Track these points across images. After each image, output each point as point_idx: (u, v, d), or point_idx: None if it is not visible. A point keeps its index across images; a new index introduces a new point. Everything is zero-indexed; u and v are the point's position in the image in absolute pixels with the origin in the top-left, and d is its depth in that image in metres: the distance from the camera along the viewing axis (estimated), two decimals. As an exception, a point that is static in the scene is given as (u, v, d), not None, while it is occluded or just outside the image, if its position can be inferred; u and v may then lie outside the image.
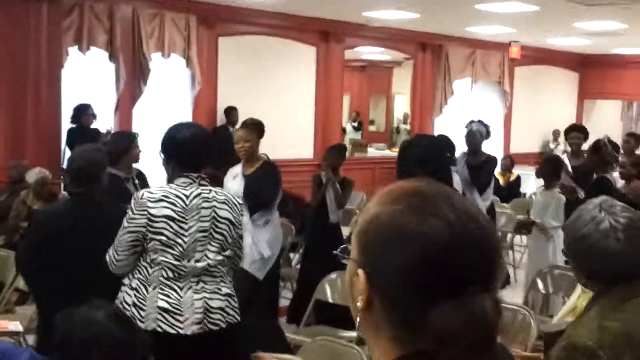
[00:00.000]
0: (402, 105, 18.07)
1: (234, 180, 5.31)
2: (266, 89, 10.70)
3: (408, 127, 14.96)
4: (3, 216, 6.74)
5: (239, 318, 3.35)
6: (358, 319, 1.12)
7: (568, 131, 7.48)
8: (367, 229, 1.11)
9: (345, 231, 6.12)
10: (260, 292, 5.23)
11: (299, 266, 7.32)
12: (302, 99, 11.29)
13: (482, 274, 1.06)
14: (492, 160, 6.73)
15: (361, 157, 13.62)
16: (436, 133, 12.97)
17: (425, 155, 3.63)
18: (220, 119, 10.15)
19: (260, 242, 5.22)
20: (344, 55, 11.86)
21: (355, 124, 17.31)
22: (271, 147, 8.63)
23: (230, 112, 10.01)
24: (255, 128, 5.54)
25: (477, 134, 6.65)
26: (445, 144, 5.29)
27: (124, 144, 5.71)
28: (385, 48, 13.29)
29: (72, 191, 3.77)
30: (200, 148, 3.32)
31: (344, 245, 1.19)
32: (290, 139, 10.72)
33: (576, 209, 2.14)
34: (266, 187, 5.25)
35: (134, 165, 5.66)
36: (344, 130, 15.09)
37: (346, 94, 14.67)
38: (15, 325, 4.70)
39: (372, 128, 18.70)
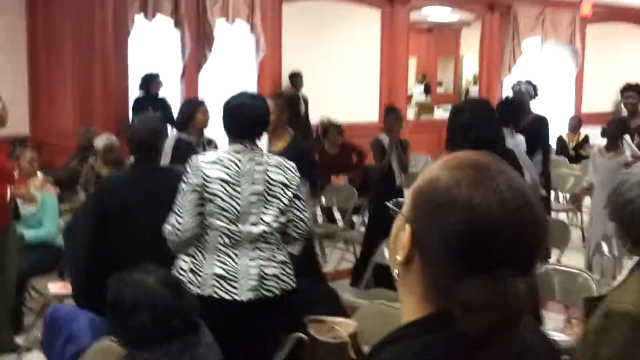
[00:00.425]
0: (470, 66, 17.80)
1: None
2: (330, 53, 10.68)
3: (477, 88, 14.73)
4: (73, 181, 6.92)
5: (293, 285, 3.38)
6: (396, 271, 1.15)
7: (623, 91, 7.21)
8: (422, 189, 1.13)
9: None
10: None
11: (362, 229, 7.36)
12: (366, 63, 11.23)
13: (523, 256, 1.08)
14: (541, 120, 6.59)
15: (427, 120, 13.51)
16: (504, 94, 12.84)
17: (472, 119, 3.61)
18: (285, 84, 10.18)
19: None
20: (409, 17, 11.71)
21: (422, 87, 17.14)
22: (336, 111, 8.66)
23: (295, 77, 10.03)
24: (280, 101, 4.99)
25: (525, 94, 6.55)
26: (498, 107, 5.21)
27: (190, 110, 5.81)
28: (452, 8, 13.08)
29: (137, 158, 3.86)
30: (253, 117, 3.33)
31: (397, 199, 1.21)
32: (355, 102, 10.71)
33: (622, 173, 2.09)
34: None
35: (205, 132, 5.76)
36: (410, 94, 14.98)
37: (413, 57, 14.53)
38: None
39: (440, 90, 18.51)
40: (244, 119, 3.29)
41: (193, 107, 5.84)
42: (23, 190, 4.75)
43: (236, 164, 3.22)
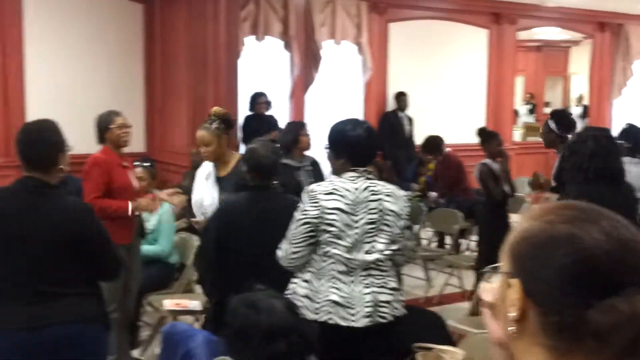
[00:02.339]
0: (579, 85, 17.37)
1: (207, 182, 4.77)
2: (436, 73, 10.67)
3: (579, 109, 14.35)
4: (186, 200, 7.12)
5: (404, 311, 3.42)
6: (510, 330, 1.12)
7: None
8: (517, 242, 1.13)
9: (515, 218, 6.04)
10: None
11: (466, 253, 7.30)
12: (473, 83, 11.16)
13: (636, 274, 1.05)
14: None
15: (534, 142, 13.25)
16: (614, 115, 12.48)
17: (597, 149, 3.57)
18: (390, 104, 10.23)
19: None
20: (516, 37, 11.59)
21: (530, 106, 16.84)
22: (442, 131, 8.63)
23: (400, 97, 10.08)
24: (215, 129, 4.67)
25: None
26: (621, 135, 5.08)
27: (293, 133, 5.92)
28: (561, 28, 12.85)
29: (251, 183, 3.95)
30: (372, 146, 3.42)
31: (490, 266, 1.22)
32: (461, 123, 10.63)
33: None
34: None
35: (308, 153, 5.85)
36: (516, 113, 14.73)
37: (520, 75, 14.28)
38: (195, 305, 5.02)
39: (546, 110, 18.11)
40: (363, 148, 3.35)
41: (296, 130, 5.95)
42: (148, 202, 4.91)
43: (352, 193, 3.27)
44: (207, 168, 4.83)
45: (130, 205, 4.73)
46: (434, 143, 8.05)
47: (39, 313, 3.02)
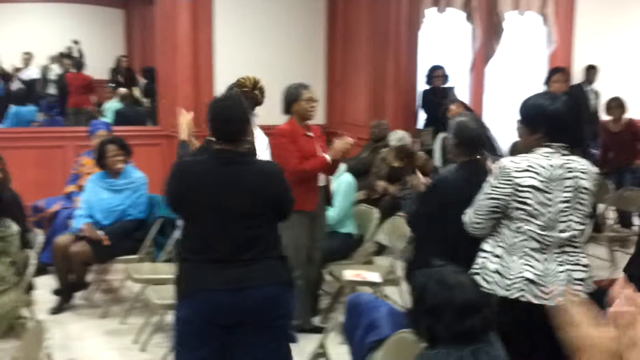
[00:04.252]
0: None
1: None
2: (628, 45, 10.10)
3: None
4: (364, 172, 7.21)
5: (594, 288, 3.29)
6: None
7: None
8: None
9: None
10: None
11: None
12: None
13: None
14: None
15: None
16: None
17: None
18: (575, 77, 9.80)
19: None
20: None
21: None
22: (633, 108, 8.19)
23: (590, 70, 9.64)
24: None
25: None
26: None
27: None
28: None
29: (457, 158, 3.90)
30: (571, 121, 3.28)
31: None
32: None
33: None
34: None
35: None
36: None
37: None
38: (374, 276, 5.07)
39: None
40: (562, 122, 3.23)
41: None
42: (341, 143, 4.98)
43: (547, 170, 3.17)
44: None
45: (327, 156, 4.86)
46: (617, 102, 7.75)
47: (241, 276, 3.17)
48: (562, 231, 3.18)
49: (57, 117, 11.12)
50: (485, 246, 3.34)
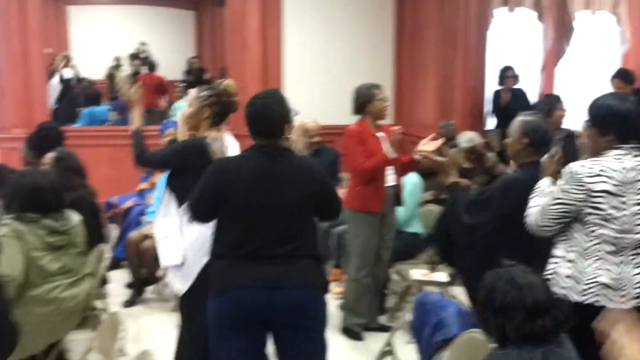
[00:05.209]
0: None
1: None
2: None
3: None
4: (431, 172, 7.18)
5: None
6: None
7: None
8: None
9: None
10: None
11: None
12: None
13: None
14: None
15: None
16: None
17: None
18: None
19: (167, 243, 3.96)
20: None
21: None
22: None
23: (662, 70, 9.41)
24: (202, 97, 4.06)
25: None
26: None
27: (547, 106, 5.75)
28: None
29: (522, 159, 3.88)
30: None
31: None
32: None
33: None
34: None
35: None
36: None
37: None
38: (441, 276, 5.07)
39: None
40: (633, 123, 3.16)
41: (552, 103, 5.79)
42: (394, 137, 5.00)
43: (619, 173, 3.11)
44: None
45: (384, 149, 4.91)
46: None
47: (275, 274, 3.17)
48: (637, 233, 3.12)
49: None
50: (557, 251, 3.28)
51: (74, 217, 4.11)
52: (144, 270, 5.87)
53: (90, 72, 14.43)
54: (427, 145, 4.72)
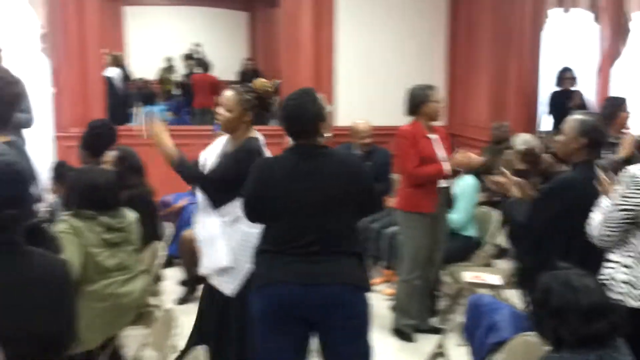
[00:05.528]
0: None
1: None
2: None
3: None
4: (485, 174, 7.13)
5: None
6: None
7: None
8: None
9: None
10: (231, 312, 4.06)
11: None
12: None
13: None
14: None
15: None
16: None
17: None
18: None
19: (215, 246, 3.96)
20: None
21: None
22: None
23: None
24: (244, 98, 3.98)
25: None
26: None
27: (611, 108, 5.67)
28: None
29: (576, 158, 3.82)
30: None
31: None
32: None
33: None
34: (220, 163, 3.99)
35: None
36: None
37: None
38: (494, 279, 5.03)
39: None
40: None
41: (616, 106, 5.70)
42: (462, 156, 4.96)
43: None
44: (221, 142, 4.17)
45: (443, 165, 4.85)
46: None
47: (314, 271, 3.17)
48: None
49: (185, 116, 11.50)
50: (612, 256, 3.22)
51: (130, 215, 4.18)
52: (197, 268, 5.93)
53: (145, 73, 14.67)
54: (464, 158, 4.76)
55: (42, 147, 8.02)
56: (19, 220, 2.25)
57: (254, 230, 3.69)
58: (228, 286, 3.96)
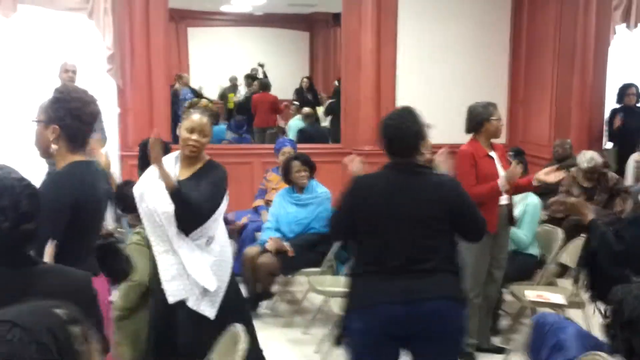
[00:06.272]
0: None
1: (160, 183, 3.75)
2: None
3: None
4: (547, 192, 7.05)
5: None
6: None
7: None
8: None
9: None
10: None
11: None
12: None
13: None
14: None
15: None
16: None
17: None
18: None
19: (199, 270, 3.77)
20: None
21: None
22: None
23: None
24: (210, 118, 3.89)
25: None
26: None
27: None
28: None
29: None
30: None
31: None
32: None
33: None
34: (202, 190, 3.74)
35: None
36: None
37: None
38: (557, 298, 4.96)
39: None
40: None
41: None
42: (513, 170, 4.91)
43: None
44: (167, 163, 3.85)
45: (499, 181, 4.81)
46: None
47: (414, 287, 3.17)
48: None
49: (246, 135, 11.64)
50: None
51: None
52: (259, 286, 5.99)
53: (208, 93, 14.89)
54: (549, 177, 4.68)
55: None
56: (33, 236, 2.22)
57: (227, 248, 3.85)
58: (207, 309, 3.83)
